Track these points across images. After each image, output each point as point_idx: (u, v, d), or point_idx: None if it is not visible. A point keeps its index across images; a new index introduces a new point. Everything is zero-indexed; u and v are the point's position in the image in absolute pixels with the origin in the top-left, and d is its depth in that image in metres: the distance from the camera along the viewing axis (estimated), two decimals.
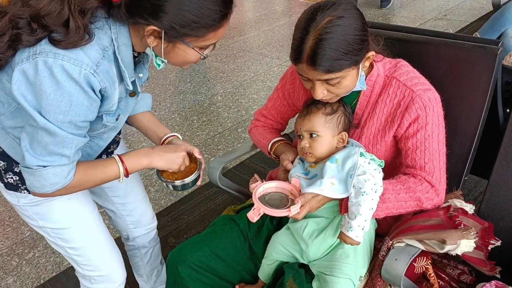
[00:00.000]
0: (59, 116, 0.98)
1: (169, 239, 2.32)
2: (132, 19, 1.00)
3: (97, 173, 1.15)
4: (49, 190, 1.06)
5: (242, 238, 1.43)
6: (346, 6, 1.13)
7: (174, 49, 1.05)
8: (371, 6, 5.46)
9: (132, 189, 1.55)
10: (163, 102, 3.77)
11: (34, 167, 1.03)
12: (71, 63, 0.95)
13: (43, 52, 0.94)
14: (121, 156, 1.18)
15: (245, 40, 4.81)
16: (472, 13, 4.86)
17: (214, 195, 2.60)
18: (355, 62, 1.14)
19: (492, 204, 1.39)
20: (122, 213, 1.57)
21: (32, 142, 1.02)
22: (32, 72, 0.95)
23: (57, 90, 0.95)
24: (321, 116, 1.25)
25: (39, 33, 0.95)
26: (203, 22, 0.99)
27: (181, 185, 1.29)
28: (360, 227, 1.13)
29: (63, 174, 1.06)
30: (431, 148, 1.22)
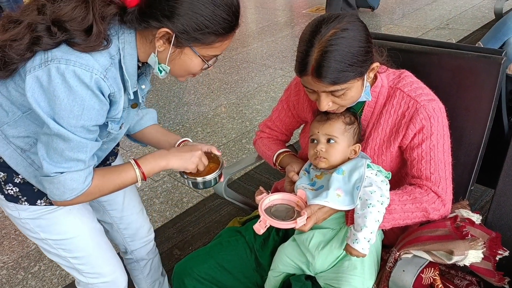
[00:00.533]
0: (72, 121, 1.01)
1: (175, 251, 2.32)
2: (145, 22, 1.03)
3: (114, 178, 1.17)
4: (69, 196, 1.08)
5: (248, 250, 1.42)
6: (350, 18, 1.14)
7: (180, 56, 1.08)
8: (372, 16, 5.49)
9: (129, 202, 1.56)
10: (167, 114, 3.79)
11: (52, 174, 1.06)
12: (83, 69, 0.98)
13: (55, 59, 0.98)
14: (137, 160, 1.20)
15: (248, 52, 4.84)
16: (474, 22, 4.88)
17: (219, 206, 2.60)
18: (360, 73, 1.15)
19: (499, 214, 1.38)
20: (119, 226, 1.57)
21: (49, 150, 1.05)
22: (45, 78, 0.98)
23: (70, 95, 0.98)
24: (342, 123, 1.26)
25: (59, 37, 0.98)
26: (214, 29, 1.04)
27: (203, 183, 1.30)
28: (366, 239, 1.12)
29: (80, 179, 1.08)
30: (437, 158, 1.22)
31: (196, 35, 1.04)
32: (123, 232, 1.59)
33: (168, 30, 1.02)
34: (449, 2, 5.67)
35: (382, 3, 6.01)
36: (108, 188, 1.17)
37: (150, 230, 1.67)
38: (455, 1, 5.67)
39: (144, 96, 1.24)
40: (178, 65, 1.11)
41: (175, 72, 1.15)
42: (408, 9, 5.63)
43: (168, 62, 1.10)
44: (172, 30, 1.02)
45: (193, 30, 1.02)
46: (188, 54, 1.08)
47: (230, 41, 1.12)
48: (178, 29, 1.02)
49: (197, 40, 1.05)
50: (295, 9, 5.34)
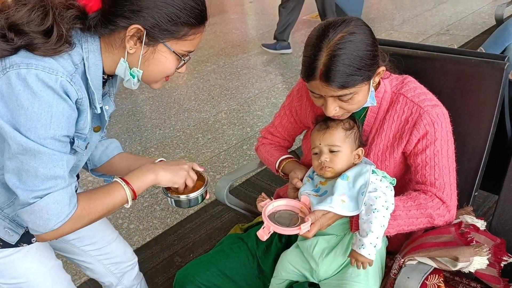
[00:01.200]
0: (40, 131, 0.91)
1: (175, 258, 2.31)
2: (111, 24, 0.97)
3: (102, 199, 1.06)
4: (55, 224, 0.96)
5: (250, 257, 1.41)
6: (357, 22, 1.14)
7: (154, 55, 1.02)
8: (373, 21, 5.51)
9: (101, 232, 1.45)
10: (167, 120, 3.79)
11: (31, 199, 0.94)
12: (46, 72, 0.90)
13: (14, 65, 0.89)
14: (124, 178, 1.10)
15: (248, 58, 4.84)
16: (475, 27, 4.89)
17: (220, 213, 2.58)
18: (367, 77, 1.15)
19: (503, 220, 1.37)
20: (99, 258, 1.45)
21: (20, 176, 0.93)
22: (5, 88, 0.89)
23: (35, 101, 0.89)
24: (341, 131, 1.25)
25: (16, 42, 0.91)
26: (186, 19, 0.99)
27: (187, 201, 1.23)
28: (372, 244, 1.12)
29: (64, 200, 0.97)
30: (441, 164, 1.21)
31: (168, 27, 0.98)
32: (105, 263, 1.48)
33: (138, 26, 0.96)
34: (449, 8, 5.68)
35: (382, 9, 6.04)
36: (97, 210, 1.05)
37: (133, 254, 1.58)
38: (455, 7, 5.69)
39: (108, 118, 1.15)
40: (152, 65, 1.04)
41: (149, 76, 1.07)
42: (408, 15, 5.65)
43: (141, 64, 1.03)
44: (143, 26, 0.96)
45: (165, 22, 0.97)
46: (162, 51, 1.02)
47: (201, 35, 1.07)
48: (149, 24, 0.97)
49: (170, 33, 1.00)
50: None
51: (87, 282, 2.19)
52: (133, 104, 4.14)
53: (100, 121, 1.14)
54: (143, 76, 1.07)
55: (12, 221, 1.11)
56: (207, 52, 5.24)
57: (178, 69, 1.09)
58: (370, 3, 6.54)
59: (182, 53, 1.05)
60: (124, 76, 1.06)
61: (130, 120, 3.87)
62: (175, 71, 1.08)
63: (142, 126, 3.75)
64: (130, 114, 3.98)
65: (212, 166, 3.06)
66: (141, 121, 3.84)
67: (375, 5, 6.37)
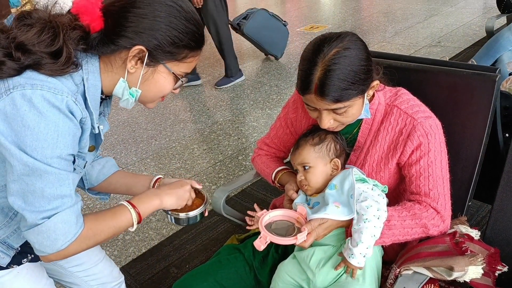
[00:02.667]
0: (47, 151, 0.90)
1: (171, 269, 2.30)
2: (113, 44, 0.98)
3: (109, 221, 1.06)
4: (62, 244, 0.96)
5: (247, 268, 1.41)
6: (352, 37, 1.17)
7: (153, 75, 1.04)
8: (365, 34, 5.57)
9: (89, 253, 1.42)
10: (163, 131, 3.79)
11: (39, 221, 0.93)
12: (52, 92, 0.90)
13: (18, 86, 0.89)
14: (130, 201, 1.11)
15: (243, 69, 4.87)
16: (466, 39, 4.96)
17: (216, 223, 2.58)
18: (362, 91, 1.18)
19: (497, 230, 1.39)
20: (85, 279, 1.44)
21: (26, 197, 0.92)
22: (9, 108, 0.88)
23: (41, 121, 0.89)
24: (310, 147, 1.30)
25: (24, 61, 0.91)
26: (187, 42, 1.02)
27: (186, 219, 1.25)
28: (361, 254, 1.15)
29: (72, 220, 0.97)
30: (435, 174, 1.23)
31: (170, 50, 1.01)
32: (92, 284, 1.45)
33: (142, 47, 0.98)
34: (440, 20, 5.77)
35: (375, 22, 6.11)
36: (103, 231, 1.04)
37: (119, 273, 1.57)
38: (446, 19, 5.78)
39: (103, 138, 1.15)
40: (151, 85, 1.06)
41: (147, 96, 1.08)
42: (400, 27, 5.72)
43: (140, 84, 1.05)
44: (146, 48, 0.98)
45: (168, 44, 1.00)
46: (161, 72, 1.04)
47: (198, 58, 1.10)
48: (152, 45, 0.99)
49: (172, 55, 1.02)
50: (289, 27, 5.42)
51: None
52: (129, 115, 4.15)
53: (95, 141, 1.14)
54: (140, 96, 1.08)
55: (3, 243, 1.10)
56: (202, 64, 5.27)
57: (174, 89, 1.11)
58: (362, 15, 6.64)
59: (180, 74, 1.07)
60: (122, 96, 1.07)
61: (126, 131, 3.87)
62: (169, 92, 1.10)
63: (138, 137, 3.75)
64: (125, 125, 3.98)
65: (208, 176, 3.06)
66: (137, 132, 3.84)
67: (367, 18, 6.45)
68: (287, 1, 8.40)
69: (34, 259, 1.21)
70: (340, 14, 6.83)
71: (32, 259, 1.20)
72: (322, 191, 1.29)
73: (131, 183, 1.35)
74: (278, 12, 7.55)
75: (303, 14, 7.26)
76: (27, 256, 1.18)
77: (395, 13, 6.47)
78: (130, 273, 2.28)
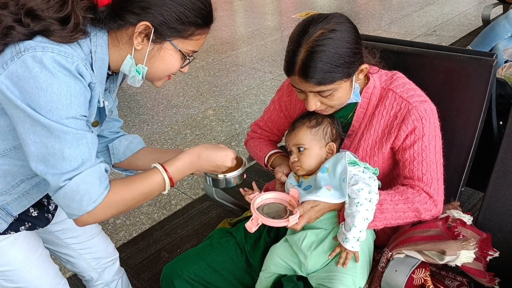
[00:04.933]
0: (62, 111, 0.91)
1: (162, 253, 2.29)
2: (120, 19, 0.98)
3: (139, 185, 1.05)
4: (88, 204, 0.97)
5: (239, 251, 1.41)
6: (339, 19, 1.15)
7: (160, 52, 1.04)
8: (361, 21, 5.55)
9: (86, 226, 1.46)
10: (155, 116, 3.76)
11: (62, 183, 0.94)
12: (62, 55, 0.91)
13: (29, 48, 0.89)
14: (163, 165, 1.09)
15: (237, 55, 4.84)
16: (461, 28, 4.95)
17: (208, 208, 2.57)
18: (347, 74, 1.16)
19: (489, 215, 1.39)
20: (80, 252, 1.45)
21: (47, 161, 0.93)
22: (21, 71, 0.88)
23: (54, 82, 0.89)
24: (306, 129, 1.29)
25: (33, 27, 0.91)
26: (193, 19, 1.01)
27: (224, 180, 1.22)
28: (355, 238, 1.14)
29: (94, 181, 0.97)
30: (429, 159, 1.22)
31: (176, 26, 1.00)
32: (86, 257, 1.46)
33: (147, 23, 0.98)
34: (436, 9, 5.75)
35: (371, 10, 6.08)
36: (132, 196, 1.04)
37: (114, 249, 1.58)
38: (442, 8, 5.76)
39: (108, 113, 1.15)
40: (157, 62, 1.05)
41: (153, 73, 1.08)
42: (396, 15, 5.69)
43: (147, 61, 1.04)
44: (151, 23, 0.98)
45: (173, 21, 0.99)
46: (168, 49, 1.04)
47: (206, 36, 1.09)
48: (157, 21, 0.98)
49: (177, 31, 1.01)
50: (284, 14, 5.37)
51: (69, 278, 2.16)
52: (121, 100, 4.10)
53: (100, 116, 1.13)
54: (147, 73, 1.08)
55: (2, 209, 1.11)
56: None
57: (182, 68, 1.11)
58: (358, 3, 6.59)
59: (187, 52, 1.07)
60: (129, 73, 1.07)
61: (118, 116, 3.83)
62: (178, 69, 1.10)
63: (130, 121, 3.71)
64: (117, 109, 3.94)
65: None
66: (129, 116, 3.80)
67: (363, 5, 6.41)
68: None
69: (31, 227, 1.21)
70: (335, 1, 6.78)
71: (30, 227, 1.21)
72: (313, 173, 1.28)
73: (160, 158, 1.32)
74: None
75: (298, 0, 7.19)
76: (25, 224, 1.19)
77: (391, 1, 6.43)
78: (121, 257, 2.23)
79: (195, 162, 1.14)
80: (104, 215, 1.01)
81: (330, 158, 1.27)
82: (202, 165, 1.15)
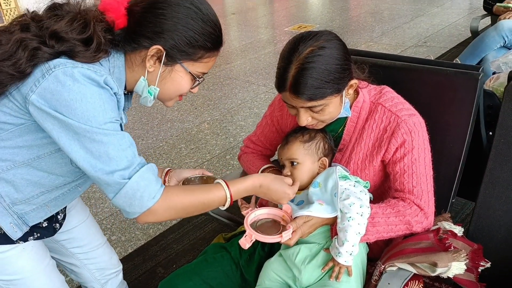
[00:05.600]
0: (99, 118, 0.96)
1: (158, 269, 2.28)
2: (135, 42, 1.04)
3: (199, 195, 1.10)
4: (148, 199, 1.01)
5: (233, 266, 1.41)
6: (328, 36, 1.18)
7: (171, 74, 1.09)
8: (353, 33, 5.61)
9: (91, 236, 1.47)
10: (150, 130, 3.77)
11: (122, 180, 0.98)
12: (91, 70, 0.97)
13: (60, 64, 0.95)
14: (226, 182, 1.14)
15: (231, 68, 4.87)
16: (451, 39, 5.02)
17: (203, 223, 2.58)
18: (337, 90, 1.18)
19: (480, 226, 1.41)
20: (85, 262, 1.48)
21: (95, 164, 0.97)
22: (54, 86, 0.94)
23: (87, 92, 0.95)
24: (299, 144, 1.31)
25: (57, 48, 0.97)
26: (203, 43, 1.07)
27: None
28: (348, 252, 1.16)
29: (151, 177, 1.02)
30: (419, 171, 1.24)
31: (186, 49, 1.05)
32: (90, 267, 1.49)
33: (159, 47, 1.03)
34: (426, 21, 5.83)
35: (362, 22, 6.15)
36: (192, 203, 1.08)
37: (118, 261, 1.60)
38: (432, 20, 5.84)
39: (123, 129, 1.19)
40: (168, 84, 1.11)
41: (165, 94, 1.14)
42: (387, 27, 5.77)
43: (158, 82, 1.10)
44: (163, 47, 1.04)
45: (184, 44, 1.04)
46: (179, 71, 1.09)
47: (216, 59, 1.14)
48: (169, 45, 1.04)
49: (187, 55, 1.07)
50: (277, 27, 5.42)
51: None
52: None
53: None
54: (159, 94, 1.13)
55: (20, 217, 1.14)
56: None
57: (192, 89, 1.16)
58: (350, 15, 6.67)
59: (197, 74, 1.12)
60: (142, 93, 1.13)
61: None
62: (188, 90, 1.15)
63: None
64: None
65: None
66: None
67: (355, 18, 6.49)
68: (275, 1, 8.41)
69: (39, 237, 1.23)
70: (328, 14, 6.86)
71: (38, 237, 1.23)
72: (305, 188, 1.29)
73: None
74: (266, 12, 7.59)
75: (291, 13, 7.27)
76: (33, 234, 1.21)
77: (382, 13, 6.52)
78: None
79: (256, 190, 1.19)
80: (163, 215, 1.05)
81: (321, 173, 1.28)
82: (259, 194, 1.20)
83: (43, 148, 1.06)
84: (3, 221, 1.10)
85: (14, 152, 1.05)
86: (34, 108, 0.96)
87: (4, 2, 7.93)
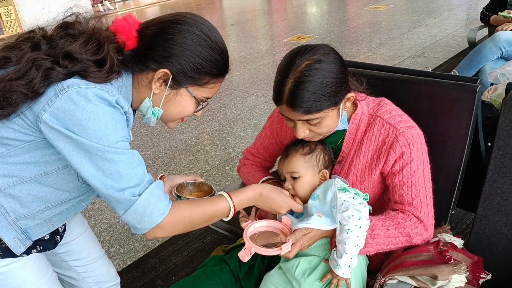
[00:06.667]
0: (111, 137, 0.98)
1: (157, 281, 2.27)
2: (142, 64, 1.06)
3: (204, 207, 1.12)
4: (158, 215, 1.03)
5: (233, 279, 1.40)
6: (325, 50, 1.19)
7: (176, 97, 1.11)
8: (351, 44, 5.64)
9: (89, 248, 1.48)
10: (149, 141, 3.77)
11: (132, 197, 1.00)
12: (104, 90, 0.99)
13: (73, 85, 0.97)
14: (229, 193, 1.17)
15: (230, 79, 4.89)
16: (449, 50, 5.05)
17: (202, 234, 2.57)
18: (334, 103, 1.19)
19: (480, 238, 1.40)
20: (83, 275, 1.48)
21: (105, 182, 0.99)
22: (67, 106, 0.96)
23: (99, 111, 0.97)
24: (300, 157, 1.31)
25: (71, 68, 0.99)
26: (209, 69, 1.09)
27: None
28: (346, 265, 1.15)
29: (160, 194, 1.04)
30: (418, 183, 1.24)
31: (192, 74, 1.08)
32: (89, 281, 1.49)
33: (166, 70, 1.05)
34: (424, 32, 5.87)
35: (360, 32, 6.20)
36: (198, 216, 1.11)
37: (116, 274, 1.59)
38: (429, 31, 5.88)
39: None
40: (173, 106, 1.13)
41: (168, 116, 1.16)
42: (385, 38, 5.81)
43: (163, 104, 1.12)
44: (170, 71, 1.06)
45: (191, 70, 1.07)
46: (184, 95, 1.11)
47: (220, 85, 1.17)
48: (176, 69, 1.06)
49: (193, 80, 1.09)
50: (276, 38, 5.46)
51: None
52: None
53: None
54: (162, 115, 1.15)
55: (23, 232, 1.14)
56: None
57: (195, 112, 1.18)
58: (348, 26, 6.72)
59: (201, 99, 1.14)
60: (146, 113, 1.15)
61: None
62: (192, 113, 1.17)
63: None
64: None
65: None
66: None
67: (353, 29, 6.54)
68: (274, 12, 8.48)
69: (42, 250, 1.24)
70: (326, 25, 6.91)
71: (41, 250, 1.23)
72: (307, 201, 1.29)
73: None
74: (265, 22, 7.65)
75: (289, 24, 7.32)
76: (36, 247, 1.21)
77: (380, 24, 6.57)
78: None
79: (256, 199, 1.21)
80: (171, 230, 1.08)
81: (320, 185, 1.28)
82: (259, 203, 1.23)
83: (50, 164, 1.07)
84: (7, 236, 1.10)
85: (21, 168, 1.06)
86: (46, 126, 0.98)
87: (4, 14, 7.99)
